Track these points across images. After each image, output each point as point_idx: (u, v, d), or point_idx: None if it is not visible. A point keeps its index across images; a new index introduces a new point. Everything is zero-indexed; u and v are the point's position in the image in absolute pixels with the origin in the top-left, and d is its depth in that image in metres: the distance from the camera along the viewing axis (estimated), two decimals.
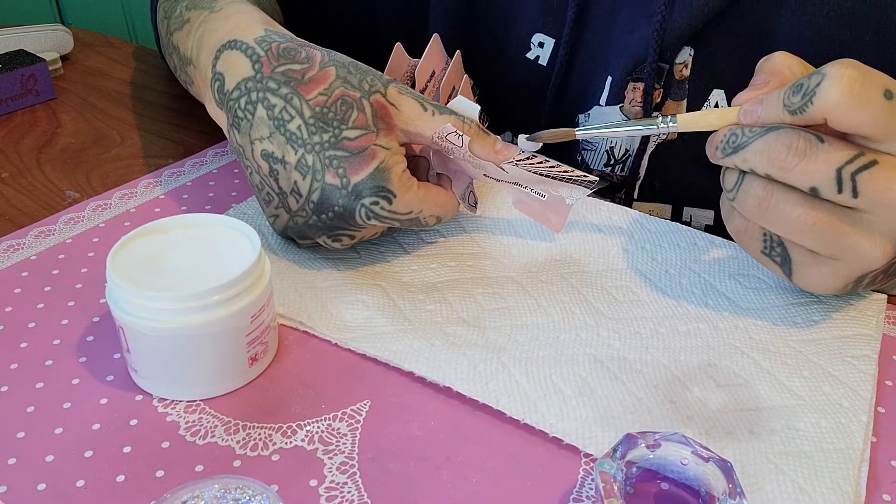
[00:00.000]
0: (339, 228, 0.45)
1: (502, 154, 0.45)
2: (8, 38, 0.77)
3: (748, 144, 0.38)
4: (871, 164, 0.36)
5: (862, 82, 0.35)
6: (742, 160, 0.39)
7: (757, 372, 0.41)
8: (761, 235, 0.41)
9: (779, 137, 0.37)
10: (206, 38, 0.50)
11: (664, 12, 0.52)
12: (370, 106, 0.43)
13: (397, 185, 0.43)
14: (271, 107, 0.44)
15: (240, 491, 0.31)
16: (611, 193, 0.61)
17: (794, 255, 0.41)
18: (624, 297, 0.47)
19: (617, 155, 0.59)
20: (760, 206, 0.38)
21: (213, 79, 0.47)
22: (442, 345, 0.42)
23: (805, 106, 0.36)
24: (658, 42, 0.52)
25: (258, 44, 0.46)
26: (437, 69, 0.55)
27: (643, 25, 0.54)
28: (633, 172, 0.59)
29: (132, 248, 0.39)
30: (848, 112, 0.35)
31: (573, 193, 0.48)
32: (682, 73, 0.54)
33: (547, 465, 0.36)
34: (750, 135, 0.39)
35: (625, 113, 0.57)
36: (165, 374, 0.39)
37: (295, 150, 0.43)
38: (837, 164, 0.36)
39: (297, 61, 0.44)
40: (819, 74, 0.36)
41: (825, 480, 0.35)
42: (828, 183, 0.36)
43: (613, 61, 0.56)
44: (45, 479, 0.35)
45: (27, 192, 0.58)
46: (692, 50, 0.53)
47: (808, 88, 0.36)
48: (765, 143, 0.38)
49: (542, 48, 0.60)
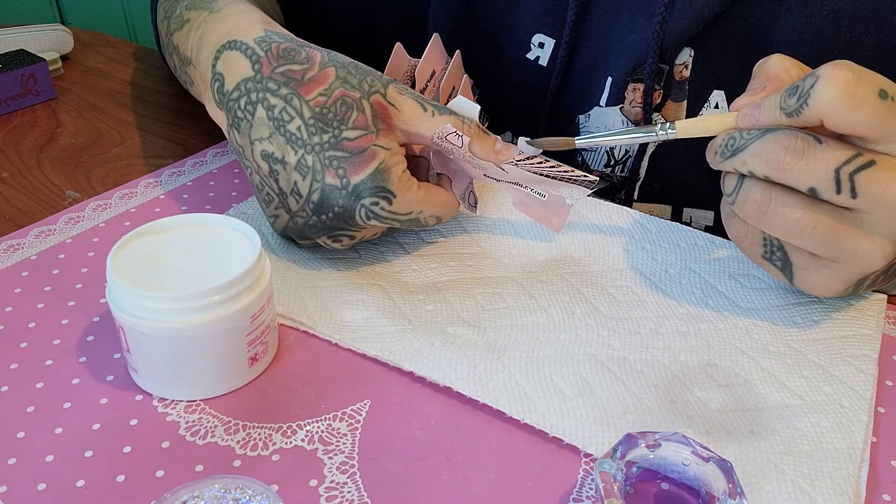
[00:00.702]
0: (339, 229, 0.45)
1: (502, 154, 0.45)
2: (8, 38, 0.77)
3: (746, 147, 0.38)
4: (869, 164, 0.36)
5: (856, 83, 0.35)
6: (741, 162, 0.39)
7: (757, 372, 0.41)
8: (761, 240, 0.41)
9: (777, 139, 0.37)
10: (206, 39, 0.49)
11: (664, 13, 0.52)
12: (370, 106, 0.43)
13: (397, 186, 0.43)
14: (271, 107, 0.44)
15: (240, 491, 0.31)
16: (611, 194, 0.61)
17: (795, 259, 0.41)
18: (624, 297, 0.47)
19: (617, 156, 0.59)
20: (760, 209, 0.39)
21: (212, 79, 0.47)
22: (442, 345, 0.42)
23: (801, 108, 0.37)
24: (658, 43, 0.52)
25: (258, 44, 0.46)
26: (437, 69, 0.55)
27: (643, 26, 0.54)
28: (633, 173, 0.59)
29: (132, 248, 0.39)
30: (843, 113, 0.35)
31: (573, 193, 0.48)
32: (682, 74, 0.54)
33: (547, 465, 0.36)
34: (748, 137, 0.39)
35: (625, 114, 0.57)
36: (165, 374, 0.39)
37: (295, 151, 0.43)
38: (836, 165, 0.36)
39: (296, 62, 0.44)
40: (813, 76, 0.36)
41: (825, 480, 0.35)
42: (826, 183, 0.36)
43: (613, 62, 0.56)
44: (45, 479, 0.35)
45: (27, 192, 0.58)
46: (692, 51, 0.53)
47: (802, 91, 0.36)
48: (763, 144, 0.38)
49: (542, 48, 0.60)
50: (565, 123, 0.61)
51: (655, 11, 0.52)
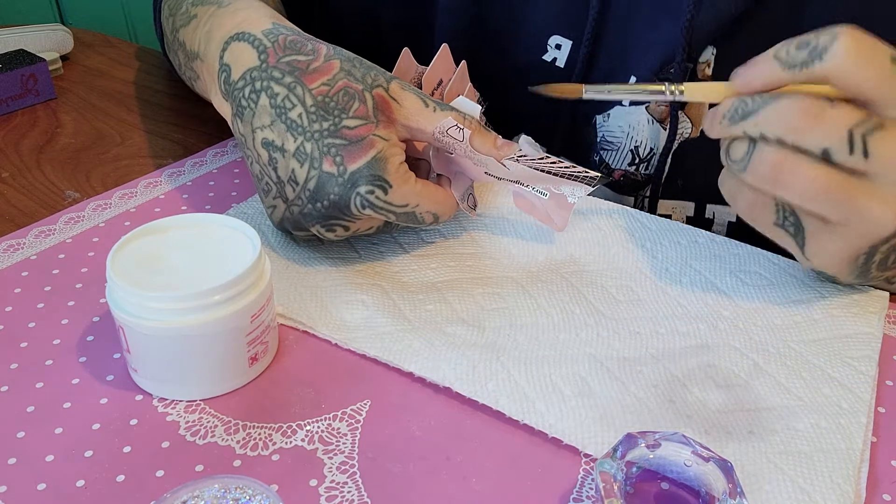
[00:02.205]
0: (333, 218, 0.45)
1: (503, 150, 0.45)
2: (8, 38, 0.77)
3: (759, 110, 0.39)
4: (879, 126, 0.37)
5: (872, 45, 0.36)
6: (753, 125, 0.39)
7: (756, 373, 0.41)
8: (774, 206, 0.41)
9: (793, 101, 0.38)
10: (215, 32, 0.50)
11: (693, 12, 0.52)
12: (372, 98, 0.44)
13: (394, 176, 0.43)
14: (274, 95, 0.44)
15: (240, 491, 0.31)
16: (634, 192, 0.61)
17: (807, 224, 0.41)
18: (624, 297, 0.47)
19: (642, 154, 0.59)
20: (776, 169, 0.39)
21: (219, 70, 0.48)
22: (441, 345, 0.42)
23: (810, 62, 0.37)
24: (687, 42, 0.52)
25: (265, 36, 0.46)
26: (445, 79, 0.55)
27: (668, 25, 0.54)
28: (658, 171, 0.59)
29: (132, 248, 0.39)
30: (857, 71, 0.36)
31: (575, 191, 0.48)
32: (704, 73, 0.54)
33: (547, 465, 0.36)
34: (760, 101, 0.39)
35: (650, 112, 0.57)
36: (165, 374, 0.39)
37: (294, 138, 0.43)
38: (848, 126, 0.37)
39: (302, 53, 0.45)
40: (829, 34, 0.37)
41: (825, 480, 0.35)
42: (840, 143, 0.37)
43: (636, 61, 0.56)
44: (45, 479, 0.35)
45: (27, 192, 0.58)
46: (714, 49, 0.54)
47: (816, 46, 0.37)
48: (778, 106, 0.38)
49: (559, 50, 0.60)
50: (583, 124, 0.61)
51: (682, 10, 0.52)
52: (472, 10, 0.62)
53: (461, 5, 0.62)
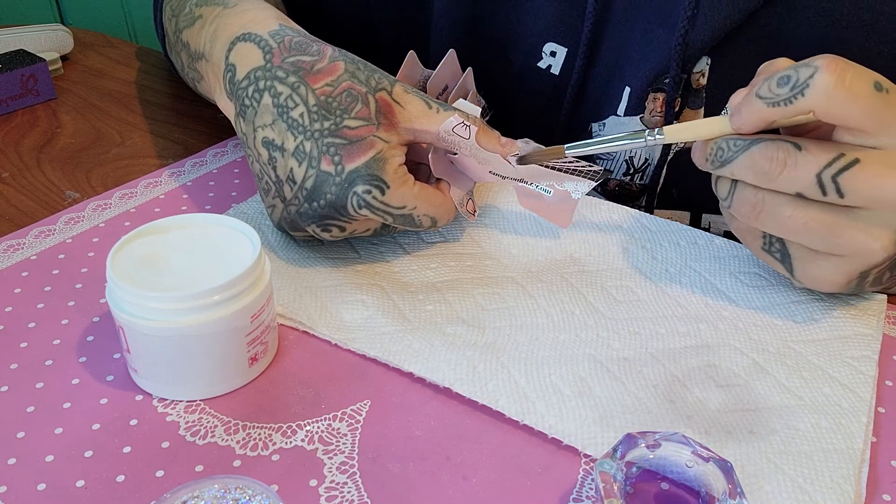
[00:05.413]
0: (329, 218, 0.45)
1: (507, 147, 0.46)
2: (8, 38, 0.77)
3: (734, 159, 0.39)
4: (852, 163, 0.36)
5: (853, 74, 0.36)
6: (730, 173, 0.40)
7: (756, 373, 0.41)
8: (760, 234, 0.42)
9: (760, 150, 0.38)
10: (221, 32, 0.50)
11: (687, 26, 0.52)
12: (375, 101, 0.44)
13: (392, 177, 0.43)
14: (277, 94, 0.44)
15: (240, 491, 0.31)
16: (630, 201, 0.61)
17: (794, 252, 0.41)
18: (624, 297, 0.47)
19: (636, 164, 0.59)
20: (755, 209, 0.40)
21: (225, 70, 0.48)
22: (441, 345, 0.42)
23: (794, 98, 0.37)
24: (681, 54, 0.52)
25: (272, 37, 0.47)
26: (451, 85, 0.55)
27: (663, 37, 0.54)
28: (652, 181, 0.59)
29: (132, 248, 0.39)
30: (840, 103, 0.36)
31: (579, 187, 0.48)
32: (699, 82, 0.54)
33: (547, 465, 0.36)
34: (735, 149, 0.39)
35: (645, 123, 0.57)
36: (165, 374, 0.39)
37: (294, 137, 0.43)
38: (816, 170, 0.37)
39: (307, 53, 0.45)
40: (810, 67, 0.36)
41: (825, 480, 0.35)
42: (811, 188, 0.37)
43: (631, 72, 0.56)
44: (45, 479, 0.35)
45: (27, 192, 0.58)
46: (709, 59, 0.54)
47: (797, 80, 0.36)
48: (749, 157, 0.39)
49: (553, 57, 0.60)
50: (580, 131, 0.61)
51: (676, 23, 0.52)
52: (467, 12, 0.62)
53: (457, 7, 0.62)
